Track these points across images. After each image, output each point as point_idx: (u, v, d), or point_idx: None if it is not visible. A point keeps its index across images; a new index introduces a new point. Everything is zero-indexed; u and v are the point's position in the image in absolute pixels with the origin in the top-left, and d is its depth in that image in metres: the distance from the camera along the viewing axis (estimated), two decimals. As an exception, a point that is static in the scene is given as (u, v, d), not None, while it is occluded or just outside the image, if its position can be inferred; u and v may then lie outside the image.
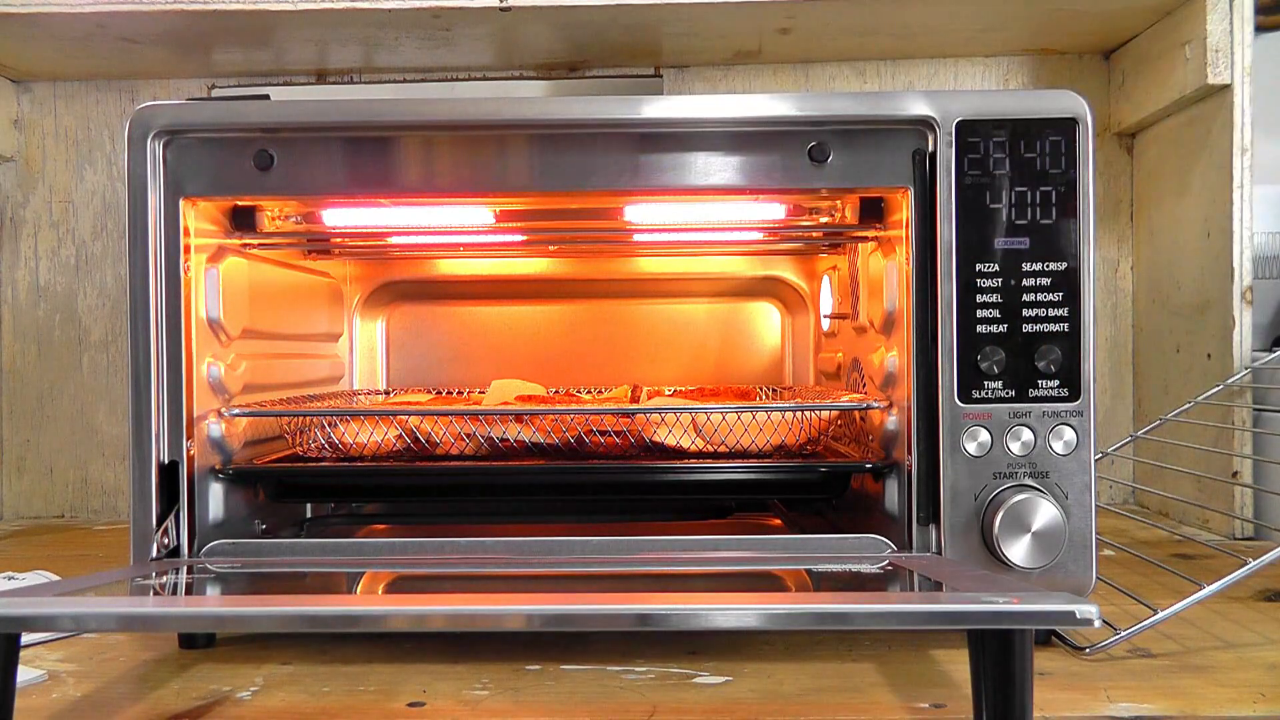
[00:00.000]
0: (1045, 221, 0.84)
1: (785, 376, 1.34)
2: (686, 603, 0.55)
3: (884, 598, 0.59)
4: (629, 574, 0.80)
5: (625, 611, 0.53)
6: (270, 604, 0.57)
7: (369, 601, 0.57)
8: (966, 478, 0.82)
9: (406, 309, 1.35)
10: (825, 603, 0.55)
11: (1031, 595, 0.55)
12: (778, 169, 0.85)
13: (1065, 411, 0.83)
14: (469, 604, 0.54)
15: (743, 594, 0.61)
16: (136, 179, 0.84)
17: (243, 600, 0.62)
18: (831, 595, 0.59)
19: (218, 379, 0.91)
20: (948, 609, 0.54)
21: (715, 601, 0.57)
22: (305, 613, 0.54)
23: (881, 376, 0.92)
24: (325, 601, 0.57)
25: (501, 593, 0.76)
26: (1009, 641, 0.54)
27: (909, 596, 0.58)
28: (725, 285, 1.34)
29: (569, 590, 0.78)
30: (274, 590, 0.78)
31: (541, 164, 0.86)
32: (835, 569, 0.72)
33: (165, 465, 0.85)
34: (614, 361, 1.34)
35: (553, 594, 0.59)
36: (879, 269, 0.93)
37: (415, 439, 0.94)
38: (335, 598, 0.59)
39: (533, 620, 0.53)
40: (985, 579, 0.69)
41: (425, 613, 0.53)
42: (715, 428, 0.91)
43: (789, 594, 0.60)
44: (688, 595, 0.60)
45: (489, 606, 0.53)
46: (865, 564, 0.76)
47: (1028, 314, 0.83)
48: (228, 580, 0.78)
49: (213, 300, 0.91)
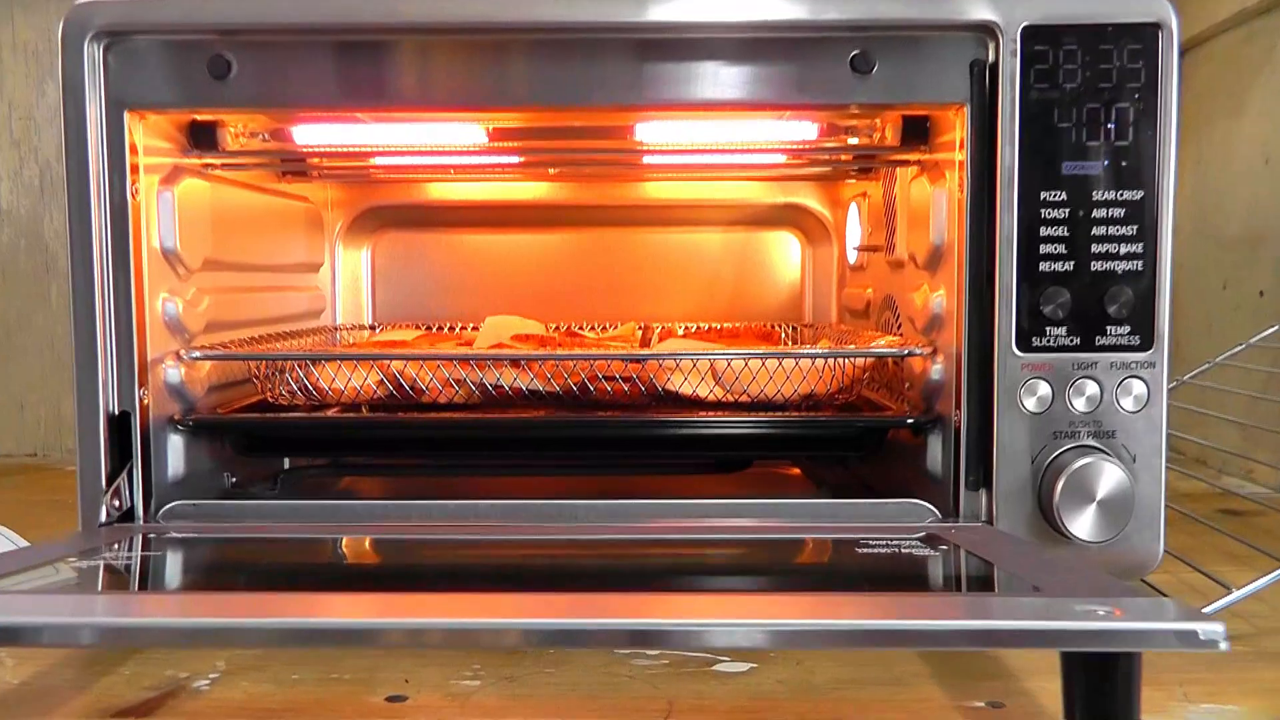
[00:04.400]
0: (1120, 143, 0.72)
1: (805, 313, 1.24)
2: (706, 612, 0.46)
3: (942, 605, 0.49)
4: (637, 543, 0.70)
5: (640, 628, 0.44)
6: (214, 612, 0.47)
7: (346, 609, 0.48)
8: (1023, 437, 0.73)
9: (394, 236, 1.24)
10: (873, 616, 0.45)
11: (1136, 606, 0.45)
12: (814, 81, 0.74)
13: (1136, 363, 0.73)
14: (449, 614, 0.45)
15: (772, 597, 0.51)
16: (73, 88, 0.73)
17: (180, 604, 0.53)
18: (877, 602, 0.49)
19: (175, 317, 0.80)
20: (1030, 627, 0.44)
21: (740, 609, 0.47)
22: (262, 626, 0.45)
23: (924, 319, 0.81)
24: (291, 609, 0.47)
25: (495, 565, 0.66)
26: (1112, 666, 0.44)
27: (979, 605, 0.48)
28: (741, 213, 1.23)
29: (570, 558, 0.69)
30: (239, 557, 0.69)
31: (540, 74, 0.74)
32: (878, 550, 0.62)
33: (115, 417, 0.75)
34: (619, 295, 1.23)
35: (552, 593, 0.50)
36: (923, 197, 0.82)
37: (399, 386, 0.84)
38: (304, 600, 0.50)
39: (530, 637, 0.44)
40: (1046, 561, 0.60)
41: (390, 628, 0.44)
42: (737, 375, 0.81)
43: (827, 599, 0.50)
44: (705, 600, 0.50)
45: (479, 619, 0.44)
46: (906, 538, 0.66)
47: (1097, 250, 0.73)
48: (186, 549, 0.69)
49: (167, 227, 0.80)
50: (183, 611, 0.49)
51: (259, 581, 0.64)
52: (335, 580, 0.62)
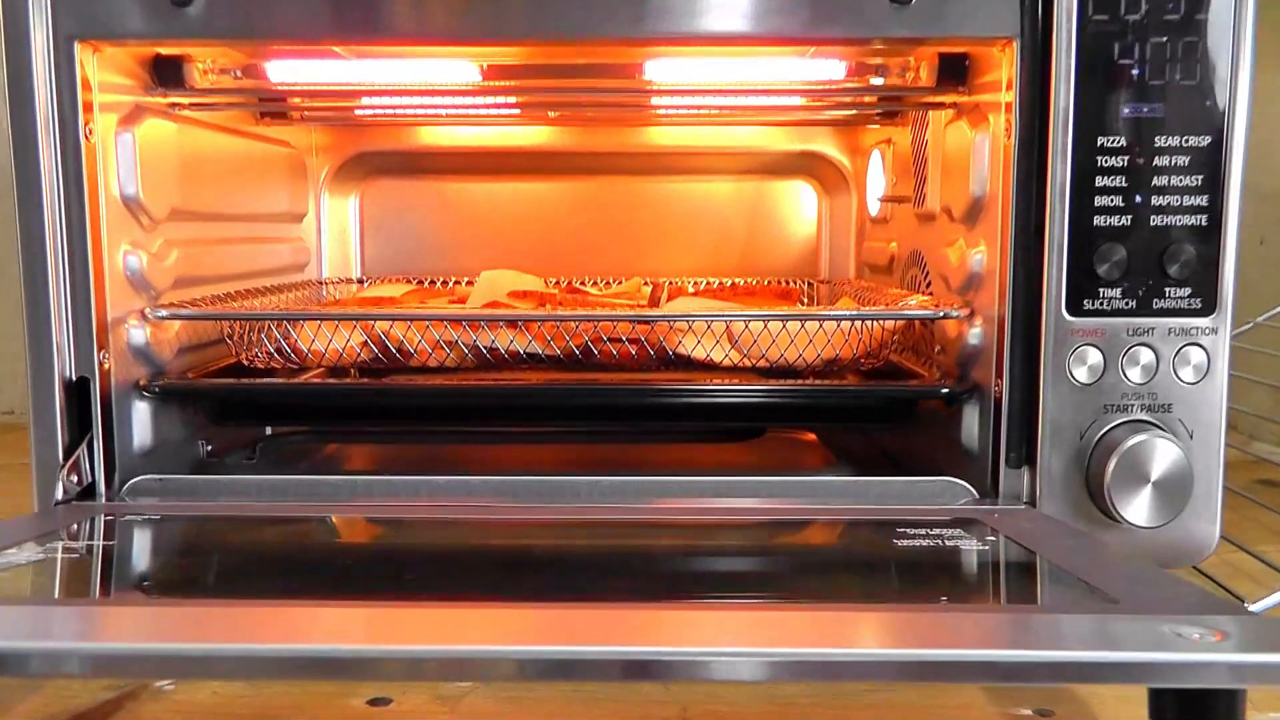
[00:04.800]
0: (1187, 82, 0.65)
1: (820, 268, 1.16)
2: (718, 633, 0.40)
3: (1000, 626, 0.41)
4: (644, 525, 0.64)
5: (648, 658, 0.37)
6: (172, 636, 0.41)
7: (328, 627, 0.41)
8: (1071, 410, 0.66)
9: (384, 185, 1.16)
10: (918, 643, 0.38)
11: (1241, 629, 0.38)
12: (846, 11, 0.66)
13: (1197, 329, 0.66)
14: (442, 633, 0.38)
15: (795, 612, 0.44)
16: (13, 13, 0.65)
17: (136, 624, 0.45)
18: (920, 622, 0.42)
19: (138, 272, 0.73)
20: (1115, 659, 0.37)
21: (758, 630, 0.41)
22: (227, 654, 0.38)
23: (960, 277, 0.74)
24: (263, 629, 0.40)
25: (489, 554, 0.60)
26: (1210, 700, 0.38)
27: (1048, 628, 0.41)
28: (753, 161, 1.15)
29: (571, 546, 0.62)
30: (208, 544, 0.63)
31: (539, 2, 0.66)
32: (914, 543, 0.55)
33: (72, 383, 0.68)
34: (622, 248, 1.16)
35: (552, 604, 0.44)
36: (962, 143, 0.74)
37: (385, 348, 0.77)
38: (278, 615, 0.43)
39: (525, 668, 0.38)
40: (1111, 559, 0.54)
41: (381, 656, 0.37)
42: (755, 339, 0.74)
43: (858, 615, 0.43)
44: (718, 619, 0.43)
45: (474, 647, 0.37)
46: (944, 527, 0.60)
47: (1158, 202, 0.65)
48: (150, 533, 0.63)
49: (128, 172, 0.72)
50: (137, 635, 0.42)
51: (228, 578, 0.57)
52: (314, 577, 0.55)
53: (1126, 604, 0.43)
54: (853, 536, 0.62)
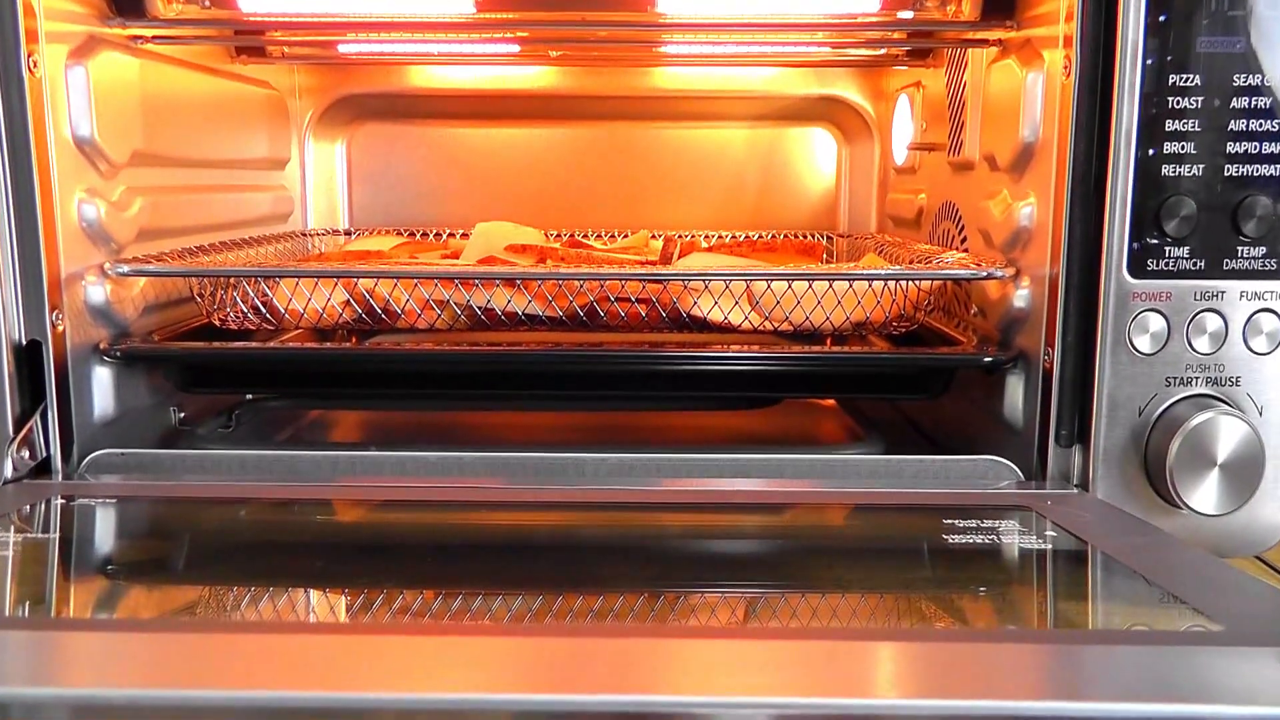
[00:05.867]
0: (1270, 12, 0.57)
1: (839, 221, 1.09)
2: (730, 669, 0.33)
3: (1077, 662, 0.34)
4: (654, 510, 0.58)
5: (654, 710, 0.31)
6: (125, 681, 0.34)
7: (289, 673, 0.34)
8: (1129, 384, 0.59)
9: (373, 129, 1.08)
10: (983, 693, 0.31)
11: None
12: (887, -71, 0.58)
13: (1272, 293, 0.59)
14: (435, 677, 0.32)
15: (826, 643, 0.37)
16: (-59, -72, 0.58)
17: (89, 660, 0.38)
18: (981, 657, 0.34)
19: (96, 223, 0.66)
20: (1231, 715, 0.30)
21: (785, 666, 0.34)
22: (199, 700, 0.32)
23: (1006, 232, 0.67)
24: (215, 668, 0.34)
25: (484, 544, 0.54)
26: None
27: (1144, 664, 0.34)
28: (769, 106, 1.07)
29: (571, 536, 0.56)
30: (172, 532, 0.57)
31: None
32: (958, 539, 0.49)
33: (21, 347, 0.61)
34: (628, 199, 1.08)
35: (548, 635, 0.37)
36: (1010, 84, 0.67)
37: (370, 308, 0.70)
38: (237, 648, 0.36)
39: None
40: (1188, 560, 0.47)
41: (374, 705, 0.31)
42: (778, 299, 0.67)
43: (900, 650, 0.36)
44: (730, 650, 0.36)
45: (470, 695, 0.31)
46: (991, 518, 0.53)
47: (1233, 150, 0.58)
48: (109, 519, 0.56)
49: (80, 111, 0.65)
50: (85, 675, 0.36)
51: (190, 576, 0.50)
52: (287, 577, 0.48)
53: (1233, 628, 0.37)
54: (890, 528, 0.56)
